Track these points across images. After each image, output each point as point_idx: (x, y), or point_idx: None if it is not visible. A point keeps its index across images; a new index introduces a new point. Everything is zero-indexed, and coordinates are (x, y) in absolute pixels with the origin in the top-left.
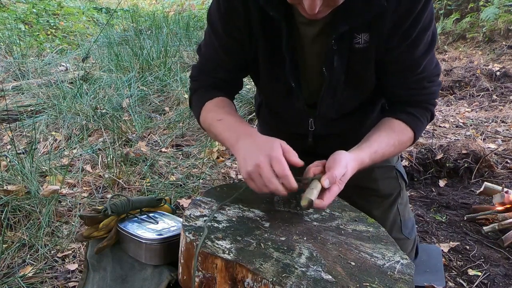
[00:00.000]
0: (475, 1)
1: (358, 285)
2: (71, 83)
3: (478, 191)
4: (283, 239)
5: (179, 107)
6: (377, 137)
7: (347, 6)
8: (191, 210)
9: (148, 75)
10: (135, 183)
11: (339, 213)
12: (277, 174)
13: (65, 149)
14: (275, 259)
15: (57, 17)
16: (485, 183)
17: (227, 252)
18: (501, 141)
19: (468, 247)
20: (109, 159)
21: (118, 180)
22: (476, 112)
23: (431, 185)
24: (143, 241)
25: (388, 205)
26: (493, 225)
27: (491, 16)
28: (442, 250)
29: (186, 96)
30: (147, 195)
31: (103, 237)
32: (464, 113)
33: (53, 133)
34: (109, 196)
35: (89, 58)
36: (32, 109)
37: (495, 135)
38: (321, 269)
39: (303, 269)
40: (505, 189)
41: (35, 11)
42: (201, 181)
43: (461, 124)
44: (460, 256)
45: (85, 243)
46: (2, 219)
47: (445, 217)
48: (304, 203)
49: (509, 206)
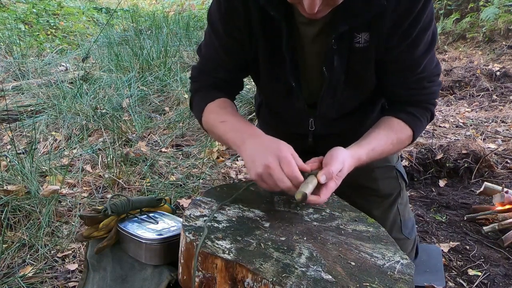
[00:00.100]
0: (475, 1)
1: (358, 285)
2: (71, 83)
3: (478, 191)
4: (283, 239)
5: (179, 107)
6: (376, 135)
7: (346, 5)
8: (191, 210)
9: (148, 75)
10: (135, 183)
11: (339, 213)
12: (287, 174)
13: (65, 149)
14: (275, 259)
15: (57, 17)
16: (485, 183)
17: (227, 252)
18: (501, 141)
19: (468, 247)
20: (109, 159)
21: (118, 180)
22: (476, 112)
23: (431, 185)
24: (143, 241)
25: (388, 205)
26: (493, 225)
27: (491, 16)
28: (442, 250)
29: (186, 96)
30: (147, 195)
31: (103, 237)
32: (464, 113)
33: (53, 133)
34: (109, 196)
35: (89, 58)
36: (32, 109)
37: (495, 135)
38: (321, 269)
39: (303, 269)
40: (505, 189)
41: (35, 11)
42: (201, 181)
43: (461, 124)
44: (460, 256)
45: (85, 243)
46: (2, 219)
47: (445, 217)
48: (298, 196)
49: (509, 206)
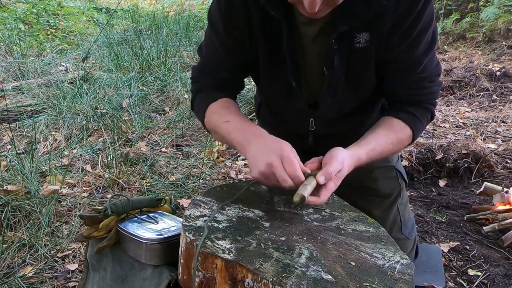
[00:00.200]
0: (475, 1)
1: (358, 285)
2: (71, 83)
3: (478, 191)
4: (283, 239)
5: (179, 107)
6: (376, 135)
7: (347, 5)
8: (191, 210)
9: (148, 75)
10: (135, 183)
11: (339, 213)
12: (289, 174)
13: (65, 149)
14: (275, 259)
15: (57, 17)
16: (485, 183)
17: (227, 252)
18: (501, 141)
19: (468, 247)
20: (109, 159)
21: (118, 180)
22: (476, 112)
23: (431, 185)
24: (143, 241)
25: (388, 205)
26: (493, 225)
27: (491, 16)
28: (442, 250)
29: (186, 96)
30: (147, 195)
31: (103, 237)
32: (464, 113)
33: (53, 133)
34: (109, 196)
35: (89, 58)
36: (32, 109)
37: (495, 135)
38: (321, 269)
39: (303, 269)
40: (505, 189)
41: (35, 11)
42: (201, 181)
43: (461, 124)
44: (460, 256)
45: (85, 243)
46: (2, 219)
47: (445, 217)
48: (296, 198)
49: (509, 206)
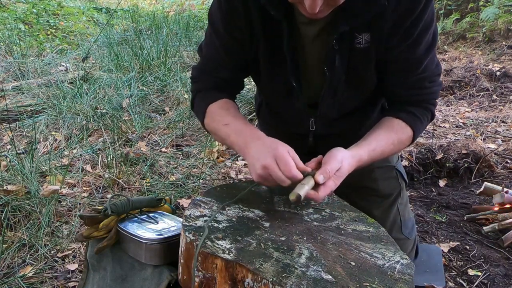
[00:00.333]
0: (475, 1)
1: (358, 285)
2: (71, 83)
3: (478, 191)
4: (283, 239)
5: (179, 107)
6: (376, 135)
7: (347, 6)
8: (191, 210)
9: (148, 75)
10: (135, 183)
11: (339, 213)
12: (284, 174)
13: (65, 149)
14: (275, 259)
15: (57, 17)
16: (485, 183)
17: (227, 252)
18: (501, 141)
19: (468, 247)
20: (109, 159)
21: (118, 180)
22: (476, 112)
23: (431, 185)
24: (143, 241)
25: (388, 205)
26: (493, 225)
27: (491, 16)
28: (442, 250)
29: (186, 96)
30: (147, 195)
31: (103, 237)
32: (464, 113)
33: (53, 133)
34: (109, 196)
35: (89, 58)
36: (32, 109)
37: (495, 135)
38: (321, 269)
39: (303, 269)
40: (505, 189)
41: (35, 11)
42: (201, 181)
43: (461, 124)
44: (460, 256)
45: (85, 243)
46: (2, 219)
47: (445, 217)
48: (292, 197)
49: (509, 206)
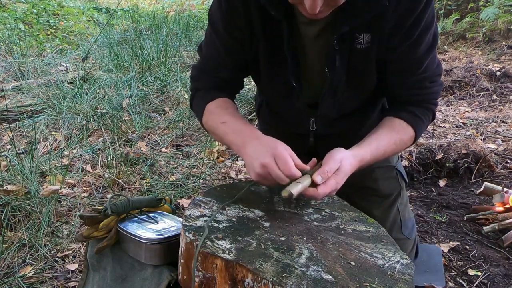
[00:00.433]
0: (475, 1)
1: (358, 285)
2: (71, 83)
3: (478, 191)
4: (283, 239)
5: (179, 107)
6: (378, 136)
7: (347, 6)
8: (191, 210)
9: (148, 75)
10: (135, 183)
11: (339, 213)
12: (283, 172)
13: (65, 149)
14: (275, 259)
15: (57, 17)
16: (485, 183)
17: (227, 252)
18: (501, 141)
19: (468, 247)
20: (109, 159)
21: (118, 180)
22: (476, 112)
23: (431, 185)
24: (143, 241)
25: (388, 205)
26: (493, 225)
27: (491, 16)
28: (442, 250)
29: (186, 96)
30: (147, 195)
31: (103, 237)
32: (464, 113)
33: (53, 133)
34: (109, 196)
35: (89, 58)
36: (32, 109)
37: (495, 135)
38: (321, 269)
39: (303, 269)
40: (505, 189)
41: (35, 11)
42: (201, 181)
43: (461, 124)
44: (460, 256)
45: (85, 243)
46: (2, 219)
47: (445, 217)
48: (284, 194)
49: (509, 206)
